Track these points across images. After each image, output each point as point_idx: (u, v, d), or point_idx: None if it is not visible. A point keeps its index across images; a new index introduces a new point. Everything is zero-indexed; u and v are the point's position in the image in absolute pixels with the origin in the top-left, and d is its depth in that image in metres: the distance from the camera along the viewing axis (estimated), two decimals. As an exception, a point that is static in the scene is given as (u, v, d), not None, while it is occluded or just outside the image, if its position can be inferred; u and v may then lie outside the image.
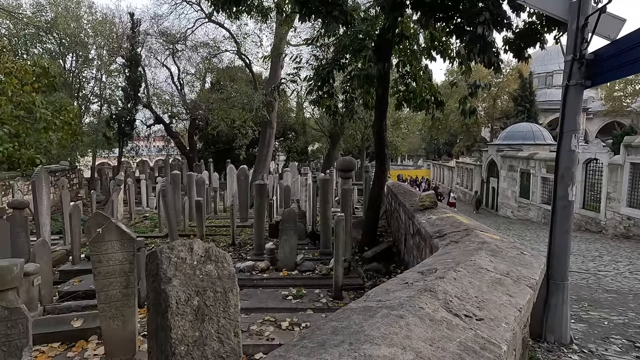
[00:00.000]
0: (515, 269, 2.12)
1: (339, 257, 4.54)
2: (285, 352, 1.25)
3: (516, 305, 1.64)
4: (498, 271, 2.05)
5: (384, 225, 10.37)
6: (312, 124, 22.17)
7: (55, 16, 18.84)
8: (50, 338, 3.32)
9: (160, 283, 1.71)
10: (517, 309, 1.62)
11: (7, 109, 11.20)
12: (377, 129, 6.87)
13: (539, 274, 2.16)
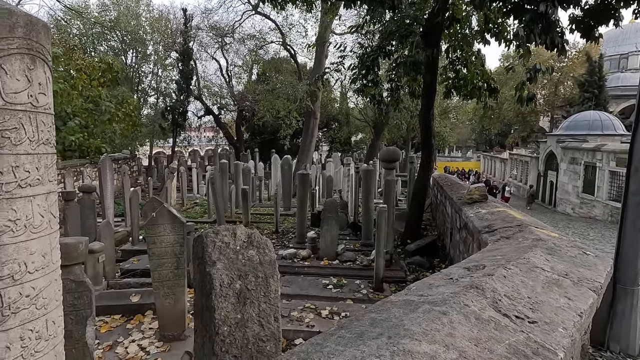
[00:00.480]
0: (576, 270, 1.94)
1: (380, 249, 4.47)
2: (322, 340, 1.24)
3: (576, 310, 1.49)
4: (555, 271, 1.88)
5: (429, 218, 10.04)
6: (355, 114, 21.91)
7: (118, 15, 20.28)
8: (112, 310, 3.65)
9: (206, 266, 1.79)
10: (576, 313, 1.47)
11: (78, 102, 12.32)
12: (423, 118, 6.61)
13: (604, 276, 1.95)
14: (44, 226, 1.03)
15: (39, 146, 1.00)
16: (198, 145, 28.96)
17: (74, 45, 13.94)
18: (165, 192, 10.08)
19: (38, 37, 0.99)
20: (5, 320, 0.94)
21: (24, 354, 0.98)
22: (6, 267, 0.94)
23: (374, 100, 6.80)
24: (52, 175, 1.07)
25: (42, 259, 1.02)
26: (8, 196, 0.93)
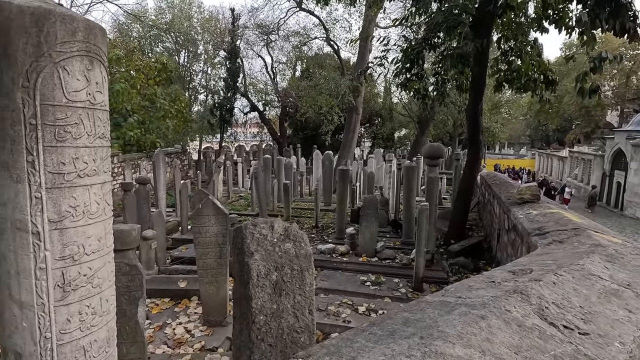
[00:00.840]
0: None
1: (420, 248, 4.35)
2: (353, 335, 1.24)
3: (637, 324, 1.35)
4: (615, 280, 1.71)
5: (475, 218, 9.59)
6: (399, 109, 21.38)
7: (172, 17, 21.52)
8: (162, 294, 3.92)
9: (244, 256, 1.86)
10: (638, 327, 1.33)
11: (136, 100, 13.30)
12: (471, 113, 6.29)
13: (675, 289, 1.74)
14: (99, 213, 1.13)
15: (95, 140, 1.10)
16: (244, 140, 29.99)
17: (134, 48, 15.02)
18: (212, 185, 10.58)
19: (95, 40, 1.08)
20: (66, 295, 1.06)
21: (81, 326, 1.09)
22: (67, 248, 1.05)
23: (418, 94, 6.59)
24: (107, 167, 1.17)
25: (98, 243, 1.13)
26: (69, 185, 1.03)
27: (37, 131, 0.97)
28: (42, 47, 0.95)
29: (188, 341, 3.19)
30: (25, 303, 1.01)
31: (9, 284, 1.00)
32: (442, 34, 6.11)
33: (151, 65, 14.48)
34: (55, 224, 1.01)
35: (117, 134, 12.62)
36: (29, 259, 0.99)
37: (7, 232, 0.98)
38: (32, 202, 0.98)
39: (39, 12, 0.95)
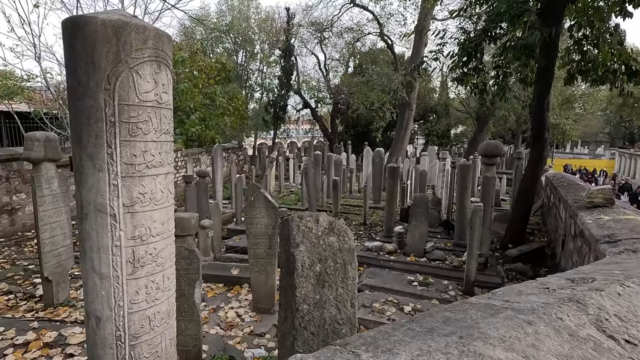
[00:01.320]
0: None
1: (472, 250, 4.16)
2: (391, 330, 1.26)
3: None
4: (697, 297, 1.51)
5: (538, 222, 8.91)
6: (456, 105, 20.36)
7: (232, 19, 22.61)
8: (216, 279, 4.21)
9: (290, 247, 1.95)
10: None
11: (198, 98, 14.24)
12: (536, 108, 5.83)
13: None
14: (163, 200, 1.27)
15: (161, 135, 1.24)
16: (296, 137, 30.68)
17: (197, 49, 16.06)
18: (265, 179, 11.01)
19: (163, 46, 1.22)
20: (136, 270, 1.21)
21: (147, 299, 1.25)
22: (137, 230, 1.20)
23: (476, 89, 6.25)
24: (170, 159, 1.31)
25: (162, 226, 1.27)
26: (139, 174, 1.18)
27: (115, 127, 1.12)
28: (120, 55, 1.10)
29: (239, 325, 3.40)
30: (104, 275, 1.18)
31: (92, 258, 1.18)
32: (505, 24, 5.72)
33: (212, 65, 15.39)
34: (128, 208, 1.17)
35: (180, 130, 13.65)
36: (107, 237, 1.16)
37: (91, 214, 1.16)
38: (110, 188, 1.14)
39: (118, 25, 1.09)
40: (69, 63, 1.11)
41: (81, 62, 1.09)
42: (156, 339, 1.28)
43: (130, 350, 1.22)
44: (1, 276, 4.55)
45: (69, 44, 1.11)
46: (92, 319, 1.20)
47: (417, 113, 22.20)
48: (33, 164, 3.34)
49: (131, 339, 1.22)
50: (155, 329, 1.27)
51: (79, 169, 1.15)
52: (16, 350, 2.51)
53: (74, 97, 1.12)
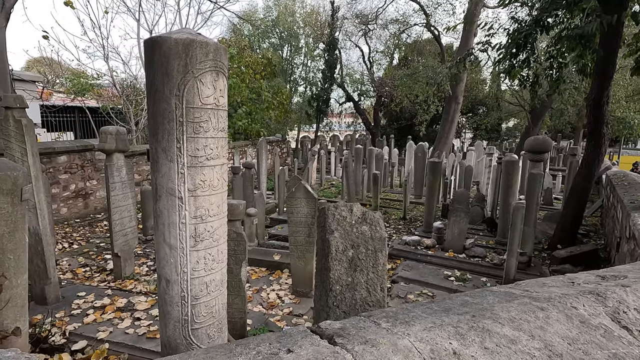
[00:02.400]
0: None
1: (513, 248, 4.09)
2: (412, 307, 1.41)
3: None
4: None
5: (595, 224, 8.36)
6: (507, 97, 19.25)
7: (278, 15, 23.13)
8: (260, 263, 4.55)
9: (326, 233, 2.14)
10: None
11: (245, 93, 14.88)
12: (594, 102, 5.47)
13: None
14: (219, 187, 1.52)
15: (218, 132, 1.48)
16: (338, 130, 30.79)
17: (245, 46, 16.71)
18: (306, 172, 11.33)
19: (220, 58, 1.45)
20: (197, 244, 1.48)
21: (205, 267, 1.51)
22: (198, 211, 1.46)
23: (527, 82, 5.98)
24: (225, 153, 1.55)
25: (217, 209, 1.53)
26: (200, 165, 1.44)
27: (183, 126, 1.38)
28: (188, 67, 1.35)
29: (279, 305, 3.69)
30: (173, 246, 1.45)
31: (163, 232, 1.46)
32: (561, 12, 5.40)
33: (258, 61, 15.95)
34: (192, 192, 1.43)
35: (229, 123, 14.43)
36: (175, 215, 1.43)
37: (163, 195, 1.43)
38: (178, 176, 1.40)
39: (186, 42, 1.34)
40: (148, 74, 1.38)
41: (158, 73, 1.35)
42: (212, 302, 1.54)
43: (192, 309, 1.49)
44: (79, 251, 5.27)
45: (148, 59, 1.37)
46: (163, 281, 1.49)
47: (465, 106, 21.29)
48: (106, 155, 3.85)
49: (192, 299, 1.49)
50: (211, 294, 1.53)
51: (155, 159, 1.42)
52: (96, 312, 2.99)
53: (152, 101, 1.39)
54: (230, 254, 2.61)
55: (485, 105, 20.83)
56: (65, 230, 6.40)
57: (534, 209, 4.74)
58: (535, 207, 4.75)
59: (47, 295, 3.01)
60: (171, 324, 1.49)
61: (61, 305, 3.06)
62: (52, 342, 2.52)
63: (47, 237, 2.95)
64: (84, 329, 2.75)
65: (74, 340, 2.61)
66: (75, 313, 2.96)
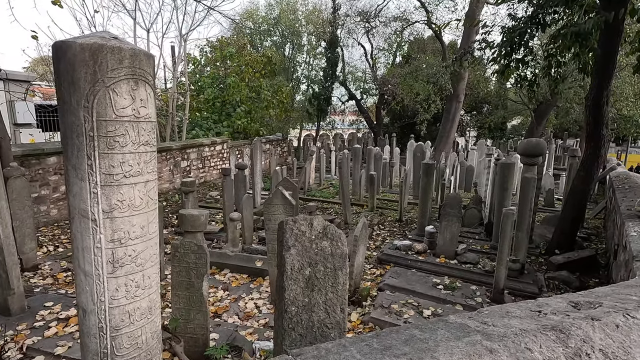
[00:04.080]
0: None
1: (502, 256, 3.91)
2: (350, 343, 1.26)
3: None
4: None
5: (598, 226, 8.11)
6: (511, 95, 18.89)
7: (280, 12, 22.94)
8: (241, 270, 4.42)
9: (282, 249, 2.00)
10: None
11: (244, 92, 14.77)
12: (593, 102, 5.25)
13: None
14: (142, 206, 1.38)
15: (139, 147, 1.34)
16: (341, 128, 30.60)
17: (244, 44, 16.57)
18: (304, 172, 11.19)
19: (140, 64, 1.31)
20: (115, 270, 1.34)
21: (126, 295, 1.38)
22: (116, 234, 1.32)
23: (523, 82, 5.76)
24: (151, 168, 1.41)
25: (141, 230, 1.39)
26: (117, 183, 1.30)
27: (94, 141, 1.24)
28: (97, 75, 1.21)
29: (255, 316, 3.56)
30: (88, 272, 1.32)
31: (78, 257, 1.33)
32: (560, 8, 5.17)
33: (258, 60, 15.81)
34: (107, 213, 1.29)
35: (227, 122, 14.32)
36: (89, 239, 1.30)
37: (76, 218, 1.30)
38: (91, 195, 1.27)
39: (94, 48, 1.20)
40: (56, 83, 1.25)
41: (64, 83, 1.22)
42: (136, 332, 1.41)
43: (112, 341, 1.36)
44: (63, 255, 5.19)
45: (55, 66, 1.24)
46: (80, 310, 1.36)
47: (469, 104, 20.93)
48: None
49: (112, 330, 1.36)
50: (135, 323, 1.40)
51: (67, 177, 1.29)
52: (59, 324, 2.89)
53: (61, 113, 1.26)
54: (191, 269, 2.48)
55: (489, 103, 20.46)
56: (53, 232, 6.35)
57: (527, 215, 4.55)
58: (528, 213, 4.55)
59: (10, 306, 2.92)
60: (89, 357, 1.36)
61: (25, 317, 2.96)
62: (7, 359, 2.42)
63: (9, 247, 2.85)
64: (43, 343, 2.65)
65: (31, 356, 2.51)
66: (38, 325, 2.87)
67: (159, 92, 13.49)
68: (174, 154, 9.89)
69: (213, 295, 3.92)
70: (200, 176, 11.07)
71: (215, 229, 6.22)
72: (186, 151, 10.42)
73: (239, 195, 7.60)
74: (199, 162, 10.98)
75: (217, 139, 11.97)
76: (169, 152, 9.67)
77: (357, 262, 4.10)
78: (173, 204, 8.58)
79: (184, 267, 2.47)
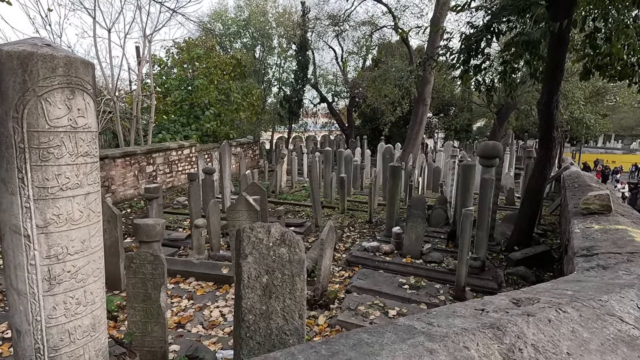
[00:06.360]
0: (679, 329, 1.42)
1: (462, 255, 4.06)
2: (299, 352, 1.26)
3: (637, 384, 1.13)
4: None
5: (554, 222, 8.59)
6: (475, 99, 19.70)
7: (250, 14, 22.72)
8: (207, 277, 4.33)
9: (239, 258, 1.98)
10: (635, 389, 1.11)
11: (214, 94, 14.49)
12: (544, 106, 5.57)
13: None
14: (82, 219, 1.33)
15: (77, 158, 1.29)
16: (314, 130, 30.67)
17: (213, 45, 16.27)
18: (274, 175, 11.12)
19: (77, 72, 1.26)
20: (52, 287, 1.28)
21: (66, 314, 1.32)
22: (52, 249, 1.26)
23: (481, 86, 6.03)
24: (92, 179, 1.36)
25: (82, 244, 1.33)
26: (52, 197, 1.24)
27: (24, 153, 1.18)
28: (27, 84, 1.15)
29: (220, 324, 3.49)
30: (21, 291, 1.25)
31: (9, 275, 1.26)
32: (514, 17, 5.46)
33: (227, 61, 15.57)
34: (42, 228, 1.24)
35: (196, 125, 13.98)
36: (22, 256, 1.23)
37: (7, 234, 1.23)
38: (23, 210, 1.21)
39: (23, 55, 1.14)
40: (-17, 93, 1.17)
41: (-9, 92, 1.15)
42: (78, 351, 1.35)
43: (50, 362, 1.29)
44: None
45: (-18, 75, 1.17)
46: (14, 331, 1.29)
47: (436, 106, 21.60)
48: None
49: (50, 351, 1.29)
50: (76, 342, 1.34)
51: (-4, 191, 1.22)
52: (4, 343, 2.70)
53: (-11, 124, 1.19)
54: (147, 280, 2.41)
55: (455, 106, 21.23)
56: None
57: (487, 214, 4.75)
58: (487, 212, 4.76)
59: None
60: (26, 380, 1.29)
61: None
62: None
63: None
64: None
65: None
66: (-19, 346, 2.67)
67: (122, 95, 12.98)
68: (139, 159, 9.55)
69: (177, 305, 3.81)
70: (167, 181, 10.75)
71: (182, 236, 6.06)
72: (152, 156, 10.08)
73: (207, 201, 7.43)
74: (165, 167, 10.66)
75: (185, 143, 11.67)
76: (133, 156, 9.32)
77: (324, 265, 4.12)
78: (138, 211, 8.27)
79: (140, 279, 2.39)
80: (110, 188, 8.55)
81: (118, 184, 8.81)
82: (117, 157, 8.77)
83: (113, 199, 8.46)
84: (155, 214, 5.48)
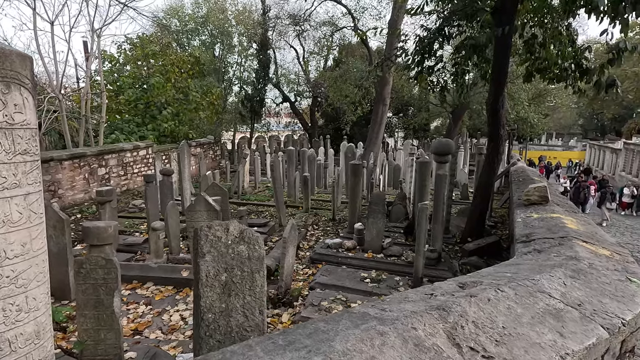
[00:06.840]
0: (597, 301, 1.62)
1: (419, 248, 4.26)
2: (256, 343, 1.28)
3: (559, 350, 1.27)
4: (565, 300, 1.60)
5: (504, 215, 9.19)
6: (432, 99, 20.62)
7: (208, 11, 22.10)
8: (166, 282, 4.19)
9: (197, 256, 1.96)
10: (558, 354, 1.25)
11: (171, 93, 13.95)
12: (491, 106, 5.96)
13: (639, 312, 1.59)
14: (22, 221, 1.26)
15: (15, 156, 1.22)
16: (277, 130, 30.47)
17: (169, 42, 15.66)
18: (237, 176, 10.94)
19: (12, 66, 1.19)
20: (-11, 294, 1.20)
21: (5, 321, 1.24)
22: (-12, 253, 1.19)
23: (434, 87, 6.33)
24: (32, 179, 1.29)
25: (22, 248, 1.26)
26: (-13, 197, 1.17)
27: (-47, 151, 1.10)
28: (-46, 77, 1.08)
29: (181, 328, 3.40)
30: (-47, 299, 1.17)
31: (-62, 283, 1.17)
32: (463, 22, 5.79)
33: (184, 59, 15.06)
34: (-25, 232, 1.16)
35: (152, 125, 13.39)
36: (-47, 262, 1.15)
37: None
38: (-47, 213, 1.12)
39: (-51, 46, 1.07)
40: None
41: None
42: (20, 360, 1.28)
43: (-12, 373, 1.21)
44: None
45: None
46: (-55, 343, 1.19)
47: (396, 106, 22.31)
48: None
49: (-12, 361, 1.21)
50: (18, 351, 1.27)
51: None
52: None
53: None
54: (99, 285, 2.30)
55: (413, 106, 22.05)
56: None
57: (441, 208, 5.01)
58: (442, 206, 5.02)
59: None
60: (-40, 395, 1.20)
61: None
62: None
63: None
64: None
65: None
66: None
67: (69, 92, 12.13)
68: (90, 161, 8.99)
69: (133, 311, 3.66)
70: (121, 184, 10.21)
71: (138, 241, 5.79)
72: (104, 157, 9.54)
73: (165, 203, 7.17)
74: (119, 169, 10.12)
75: (140, 144, 11.15)
76: (82, 158, 8.76)
77: (287, 263, 4.14)
78: (89, 216, 7.79)
79: (90, 284, 2.28)
80: (57, 192, 7.98)
81: (66, 188, 8.24)
82: (65, 159, 8.20)
83: (61, 204, 7.90)
84: (109, 218, 5.20)
